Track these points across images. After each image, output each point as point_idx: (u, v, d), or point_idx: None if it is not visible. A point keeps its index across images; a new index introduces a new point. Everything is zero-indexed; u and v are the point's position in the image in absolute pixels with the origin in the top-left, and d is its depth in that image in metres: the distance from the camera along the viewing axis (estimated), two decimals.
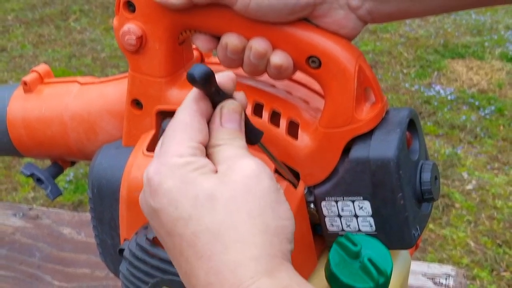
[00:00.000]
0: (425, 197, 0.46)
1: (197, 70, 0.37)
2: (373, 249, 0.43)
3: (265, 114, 0.47)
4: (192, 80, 0.38)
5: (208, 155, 0.38)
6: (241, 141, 0.39)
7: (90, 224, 0.54)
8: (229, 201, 0.35)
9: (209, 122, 0.40)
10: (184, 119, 0.38)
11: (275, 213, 0.36)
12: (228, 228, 0.34)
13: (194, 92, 0.39)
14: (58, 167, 0.60)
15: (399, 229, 0.45)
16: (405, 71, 2.82)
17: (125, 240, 0.50)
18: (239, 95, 0.40)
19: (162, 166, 0.36)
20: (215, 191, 0.35)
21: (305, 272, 0.48)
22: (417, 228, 0.46)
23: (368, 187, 0.44)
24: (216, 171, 0.37)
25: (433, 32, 3.19)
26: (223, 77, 0.39)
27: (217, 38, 0.46)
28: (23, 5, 3.90)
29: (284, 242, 0.36)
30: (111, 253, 0.53)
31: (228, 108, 0.39)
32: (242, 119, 0.40)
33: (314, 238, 0.49)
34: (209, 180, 0.36)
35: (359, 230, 0.46)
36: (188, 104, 0.39)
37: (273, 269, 0.34)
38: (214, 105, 0.40)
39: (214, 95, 0.39)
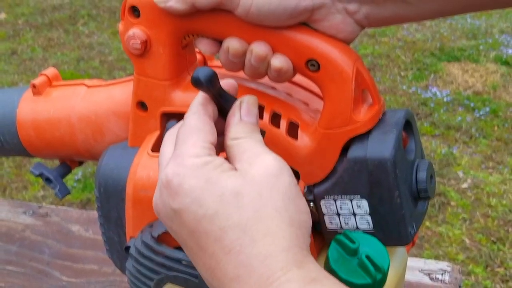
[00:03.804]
0: (421, 195, 0.47)
1: (201, 72, 0.38)
2: (370, 246, 0.43)
3: (266, 115, 0.48)
4: (198, 82, 0.39)
5: (226, 147, 0.40)
6: (259, 135, 0.40)
7: (98, 221, 0.55)
8: (255, 198, 0.36)
9: (216, 122, 0.41)
10: (195, 123, 0.39)
11: (297, 208, 0.37)
12: (256, 223, 0.35)
13: (199, 96, 0.41)
14: (66, 167, 0.61)
15: (396, 226, 0.46)
16: (402, 73, 2.84)
17: (131, 237, 0.51)
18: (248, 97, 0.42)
19: (181, 167, 0.37)
20: (240, 188, 0.36)
21: None
22: (413, 226, 0.46)
23: (365, 186, 0.45)
24: (234, 168, 0.38)
25: (430, 36, 3.20)
26: (226, 84, 0.41)
27: (219, 42, 0.47)
28: (33, 10, 3.92)
29: (306, 235, 0.37)
30: (118, 250, 0.54)
31: (247, 102, 0.41)
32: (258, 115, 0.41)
33: (313, 235, 0.49)
34: (232, 178, 0.37)
35: (357, 228, 0.47)
36: (197, 108, 0.40)
37: (302, 261, 0.35)
38: (219, 108, 0.41)
39: (218, 97, 0.40)
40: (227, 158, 0.40)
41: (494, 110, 2.49)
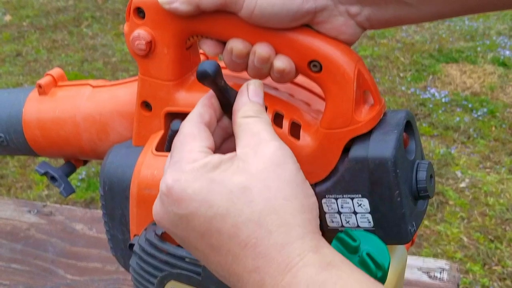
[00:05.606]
0: (420, 194, 0.47)
1: (207, 65, 0.39)
2: (371, 244, 0.44)
3: (269, 116, 0.48)
4: (205, 75, 0.39)
5: (235, 125, 0.41)
6: (267, 116, 0.41)
7: (102, 220, 0.55)
8: (263, 190, 0.37)
9: (213, 130, 0.42)
10: (190, 130, 0.40)
11: (305, 193, 0.38)
12: (269, 214, 0.36)
13: (198, 105, 0.42)
14: (71, 166, 0.62)
15: (396, 225, 0.46)
16: (401, 74, 2.85)
17: (135, 235, 0.52)
18: None
19: (180, 173, 0.38)
20: (247, 183, 0.37)
21: None
22: (413, 224, 0.47)
23: (366, 185, 0.45)
24: (234, 156, 0.38)
25: (428, 38, 3.22)
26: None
27: (223, 43, 0.48)
28: (37, 12, 3.94)
29: (317, 218, 0.39)
30: (122, 248, 0.55)
31: (254, 84, 0.43)
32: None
33: None
34: (237, 174, 0.37)
35: (358, 226, 0.47)
36: (191, 116, 0.41)
37: (317, 245, 0.36)
38: (222, 104, 0.42)
39: (222, 91, 0.41)
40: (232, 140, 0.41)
41: (491, 110, 2.51)
